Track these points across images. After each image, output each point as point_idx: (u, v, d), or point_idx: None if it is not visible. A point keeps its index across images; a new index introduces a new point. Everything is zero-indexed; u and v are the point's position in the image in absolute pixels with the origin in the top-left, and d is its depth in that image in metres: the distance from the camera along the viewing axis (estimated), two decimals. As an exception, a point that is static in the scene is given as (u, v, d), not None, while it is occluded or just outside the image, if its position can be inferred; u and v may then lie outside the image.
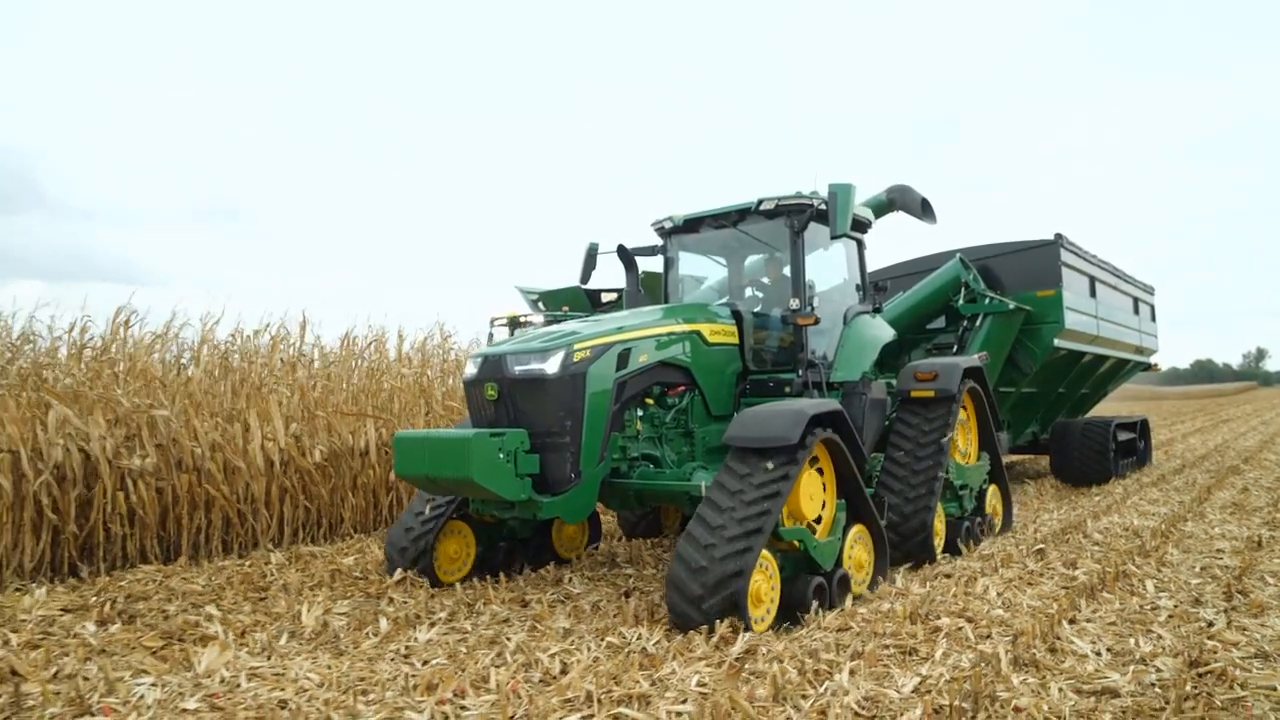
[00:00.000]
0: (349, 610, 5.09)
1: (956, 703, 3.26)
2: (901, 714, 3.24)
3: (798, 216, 6.18)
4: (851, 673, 3.69)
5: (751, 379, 6.29)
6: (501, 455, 4.74)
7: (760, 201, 6.30)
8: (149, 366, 7.20)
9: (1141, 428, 12.57)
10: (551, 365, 4.99)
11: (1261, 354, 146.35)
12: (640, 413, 5.62)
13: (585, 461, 5.04)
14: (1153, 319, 13.30)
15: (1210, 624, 4.43)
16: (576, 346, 5.06)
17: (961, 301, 9.46)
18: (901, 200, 8.54)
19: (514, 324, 8.32)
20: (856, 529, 5.40)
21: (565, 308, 8.34)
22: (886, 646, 4.11)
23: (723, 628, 4.22)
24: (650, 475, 5.53)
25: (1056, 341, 9.64)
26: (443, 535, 5.82)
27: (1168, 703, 3.36)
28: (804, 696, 3.44)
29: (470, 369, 5.34)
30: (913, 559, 6.08)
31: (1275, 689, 3.46)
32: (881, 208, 8.55)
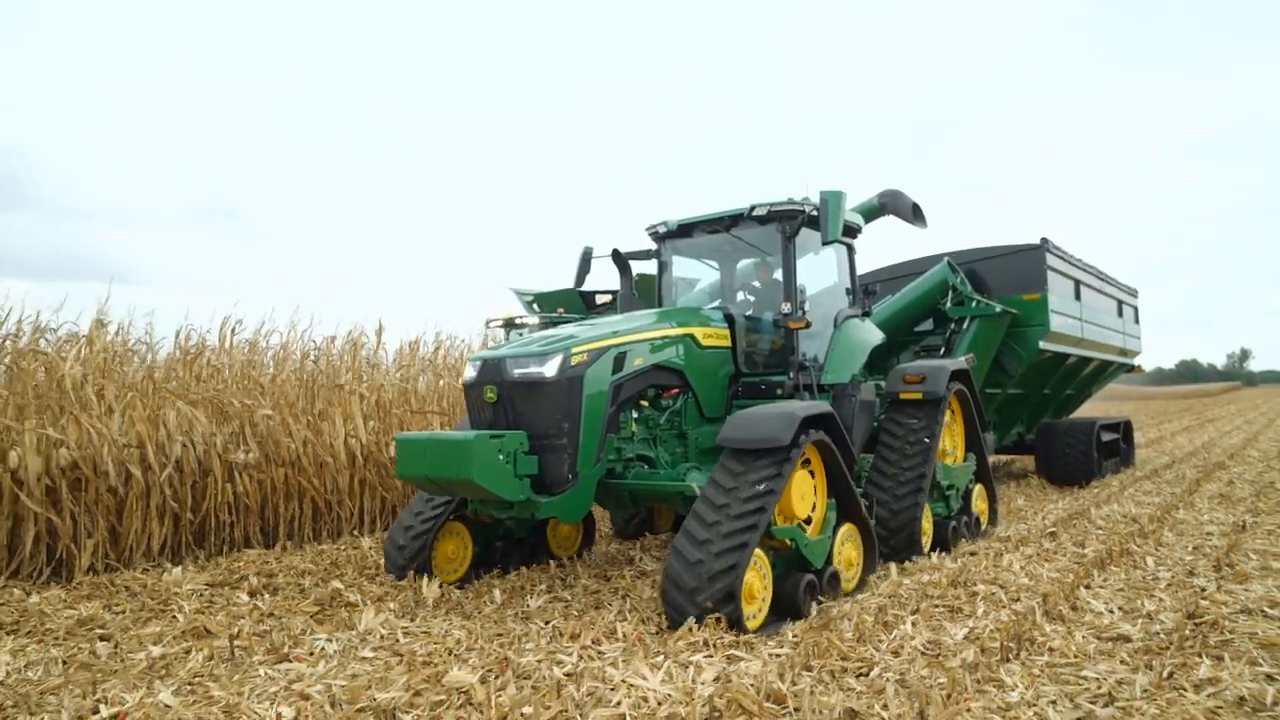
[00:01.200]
0: (458, 583, 5.84)
1: (1005, 643, 4.06)
2: (961, 651, 4.04)
3: (789, 222, 6.31)
4: (913, 624, 4.50)
5: (743, 381, 6.40)
6: (501, 456, 4.80)
7: (753, 207, 6.41)
8: (250, 370, 7.94)
9: (1125, 429, 12.76)
10: (550, 368, 5.07)
11: (1245, 354, 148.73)
12: (635, 415, 5.70)
13: (582, 462, 5.12)
14: (1136, 321, 13.56)
15: (1203, 589, 5.24)
16: (574, 350, 5.15)
17: (949, 304, 9.56)
18: (892, 205, 8.71)
19: (509, 325, 8.44)
20: (846, 528, 5.51)
21: (561, 310, 8.48)
22: (936, 605, 4.93)
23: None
24: (645, 476, 5.61)
25: (1042, 344, 9.83)
26: (440, 536, 5.88)
27: (1171, 644, 4.17)
28: (879, 640, 4.25)
29: (469, 372, 5.37)
30: (900, 557, 6.22)
31: (1258, 634, 4.27)
32: (873, 212, 8.73)
